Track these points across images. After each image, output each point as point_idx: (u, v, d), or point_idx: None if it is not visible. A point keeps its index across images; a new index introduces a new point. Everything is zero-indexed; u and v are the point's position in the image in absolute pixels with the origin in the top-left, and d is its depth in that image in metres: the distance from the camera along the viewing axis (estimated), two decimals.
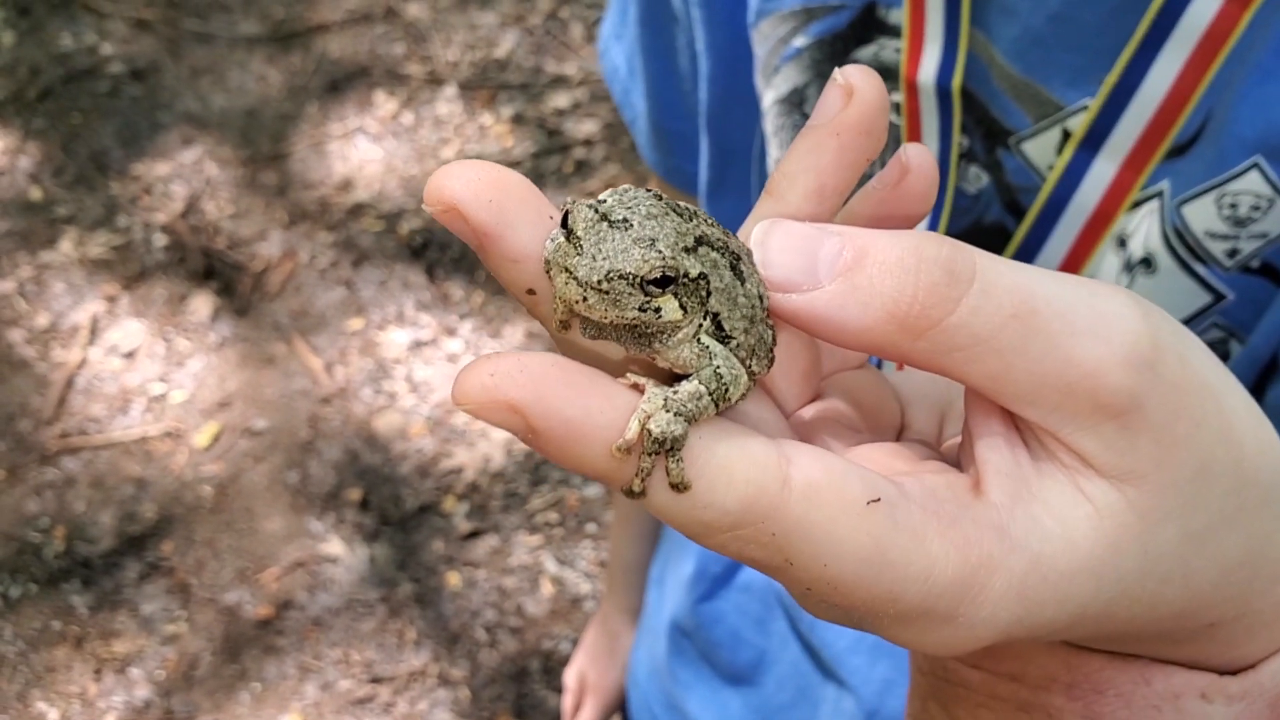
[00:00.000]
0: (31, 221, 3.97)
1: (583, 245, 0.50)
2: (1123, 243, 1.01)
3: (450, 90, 4.31)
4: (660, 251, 0.50)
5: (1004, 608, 0.51)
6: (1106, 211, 0.99)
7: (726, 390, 0.52)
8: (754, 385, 0.55)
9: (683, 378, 0.52)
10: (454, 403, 0.49)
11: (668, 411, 0.49)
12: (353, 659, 3.14)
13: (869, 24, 1.07)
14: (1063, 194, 1.01)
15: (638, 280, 0.50)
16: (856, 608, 0.51)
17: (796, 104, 1.13)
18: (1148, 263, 1.00)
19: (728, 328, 0.53)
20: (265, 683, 3.10)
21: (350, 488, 3.40)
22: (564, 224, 0.51)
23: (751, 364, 0.54)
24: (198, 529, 3.33)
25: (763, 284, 0.53)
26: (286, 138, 4.17)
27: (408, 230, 3.93)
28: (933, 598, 0.50)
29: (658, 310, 0.51)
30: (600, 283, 0.50)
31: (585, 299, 0.50)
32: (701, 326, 0.53)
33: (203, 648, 3.15)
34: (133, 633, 3.18)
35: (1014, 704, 0.64)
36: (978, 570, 0.50)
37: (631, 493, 0.50)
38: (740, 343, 0.53)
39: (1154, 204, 0.98)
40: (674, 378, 0.53)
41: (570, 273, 0.50)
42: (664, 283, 0.51)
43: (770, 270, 0.52)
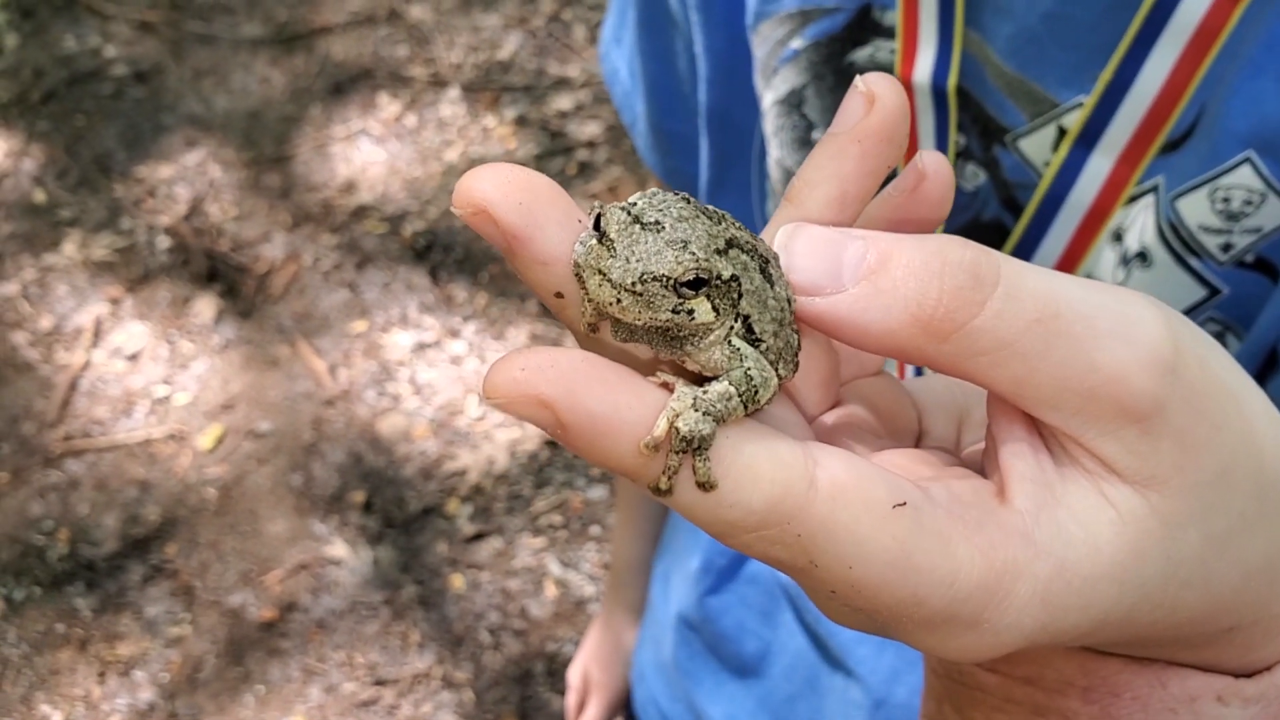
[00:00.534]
0: (35, 224, 3.98)
1: (616, 247, 0.50)
2: (1119, 237, 1.02)
3: (453, 92, 4.31)
4: (693, 253, 0.50)
5: (1028, 614, 0.51)
6: (1103, 207, 1.00)
7: (756, 392, 0.52)
8: (779, 390, 0.55)
9: (712, 379, 0.52)
10: (484, 396, 0.49)
11: (696, 410, 0.49)
12: (356, 661, 3.14)
13: (865, 26, 1.08)
14: (1059, 190, 1.01)
15: (671, 282, 0.50)
16: (880, 612, 0.51)
17: (795, 105, 1.14)
18: (1143, 257, 1.01)
19: (758, 330, 0.53)
20: (269, 685, 3.10)
21: (354, 490, 3.40)
22: (595, 226, 0.51)
23: (779, 367, 0.54)
24: (201, 531, 3.33)
25: (790, 288, 0.53)
26: (290, 140, 4.18)
27: (411, 232, 3.94)
28: (958, 602, 0.50)
29: (690, 312, 0.51)
30: (634, 284, 0.50)
31: (619, 301, 0.50)
32: (733, 329, 0.53)
33: (207, 650, 3.15)
34: (136, 635, 3.18)
35: (1030, 707, 0.64)
36: (1003, 576, 0.50)
37: (658, 490, 0.50)
38: (769, 345, 0.54)
39: (1149, 199, 0.99)
40: (703, 379, 0.53)
41: (604, 275, 0.50)
42: (697, 285, 0.51)
43: (794, 274, 0.53)
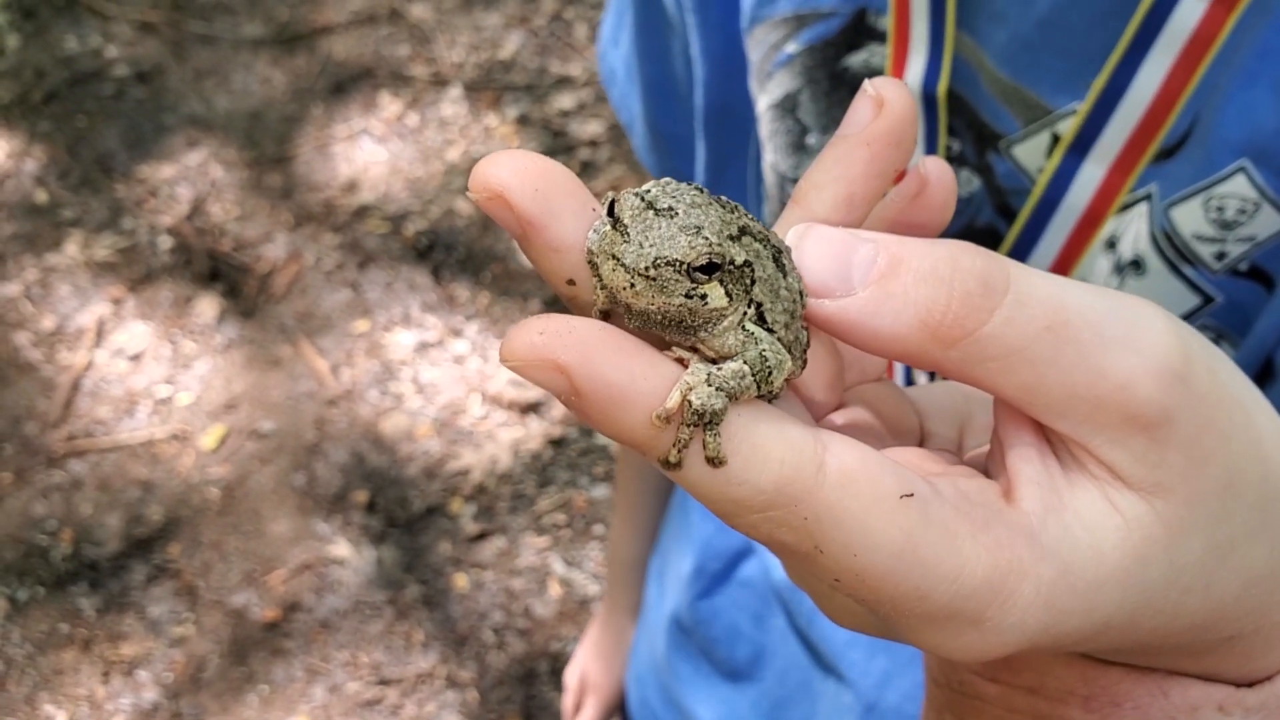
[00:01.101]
0: (37, 224, 3.98)
1: (629, 233, 0.51)
2: (1112, 245, 1.01)
3: (455, 91, 4.31)
4: (707, 238, 0.51)
5: (1031, 615, 0.51)
6: (1096, 214, 1.00)
7: (770, 373, 0.52)
8: (786, 386, 0.55)
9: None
10: (501, 360, 0.49)
11: (710, 385, 0.50)
12: (360, 661, 3.14)
13: (860, 31, 1.07)
14: (1053, 197, 1.01)
15: (685, 267, 0.50)
16: (882, 604, 0.51)
17: (789, 109, 1.13)
18: (1137, 265, 1.00)
19: (769, 319, 0.53)
20: (273, 685, 3.11)
21: (357, 489, 3.40)
22: (609, 213, 0.52)
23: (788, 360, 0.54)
24: (204, 531, 3.34)
25: (801, 280, 0.53)
26: (291, 140, 4.18)
27: (413, 232, 3.93)
28: (961, 599, 0.50)
29: (704, 297, 0.51)
30: (648, 269, 0.50)
31: (632, 285, 0.50)
32: (746, 314, 0.53)
33: (210, 650, 3.16)
34: (140, 635, 3.18)
35: (1031, 716, 0.64)
36: (1008, 575, 0.50)
37: (667, 463, 0.50)
38: (780, 336, 0.54)
39: (1143, 206, 0.99)
40: (717, 362, 0.53)
41: (618, 260, 0.50)
42: (710, 269, 0.51)
43: (804, 274, 0.53)
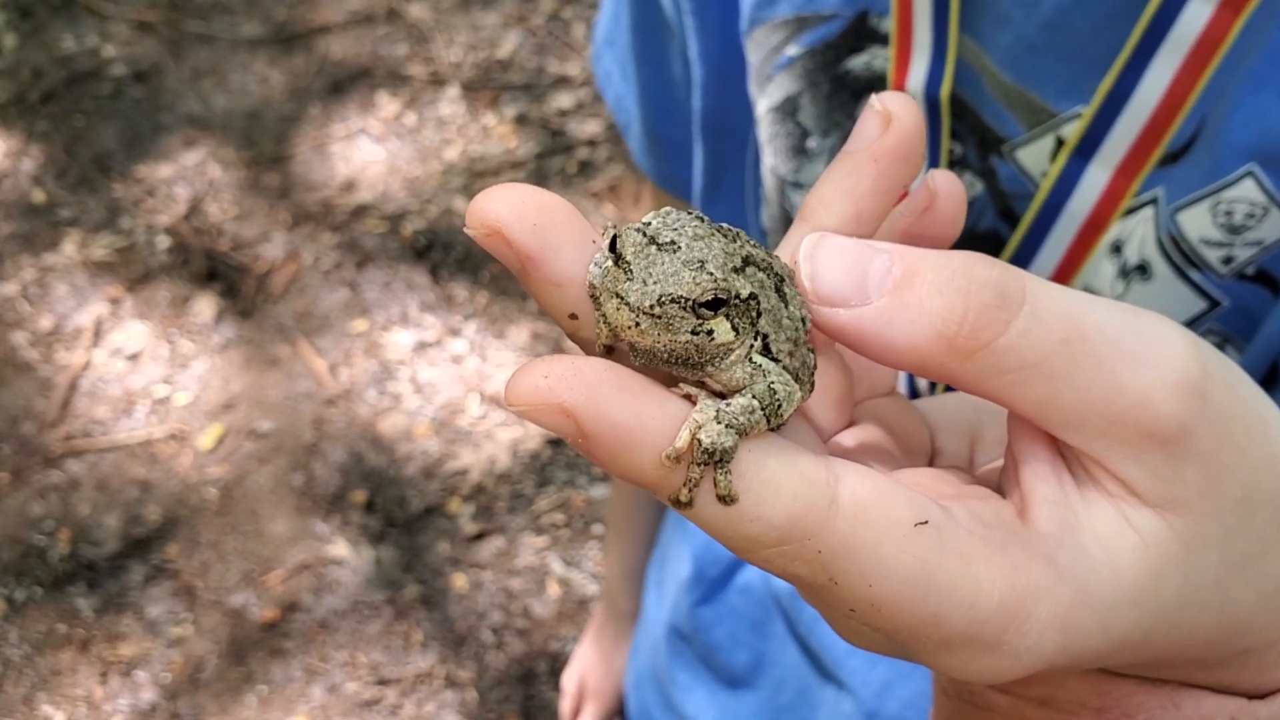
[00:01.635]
0: (34, 224, 3.98)
1: (632, 270, 0.50)
2: (1117, 249, 1.01)
3: (453, 91, 4.30)
4: (711, 273, 0.50)
5: (1049, 637, 0.51)
6: (1100, 218, 0.99)
7: (779, 406, 0.52)
8: (794, 410, 0.55)
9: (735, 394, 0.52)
10: (506, 403, 0.48)
11: (719, 423, 0.49)
12: (359, 661, 3.14)
13: (861, 33, 1.07)
14: (1056, 201, 1.00)
15: (690, 303, 0.50)
16: (899, 631, 0.51)
17: (789, 113, 1.13)
18: (1143, 269, 1.00)
19: (774, 349, 0.53)
20: (271, 685, 3.10)
21: (355, 490, 3.40)
22: (611, 248, 0.51)
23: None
24: (203, 531, 3.33)
25: (804, 307, 0.53)
26: (289, 139, 4.17)
27: (411, 231, 3.93)
28: (978, 624, 0.50)
29: (710, 333, 0.51)
30: (652, 307, 0.49)
31: (637, 324, 0.50)
32: (752, 347, 0.52)
33: (208, 650, 3.15)
34: (138, 635, 3.18)
35: None
36: (1025, 598, 0.50)
37: (678, 502, 0.50)
38: (786, 365, 0.53)
39: (1148, 211, 0.98)
40: (725, 397, 0.52)
41: (621, 298, 0.50)
42: (716, 305, 0.50)
43: (818, 284, 0.52)
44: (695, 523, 0.50)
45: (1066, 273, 1.03)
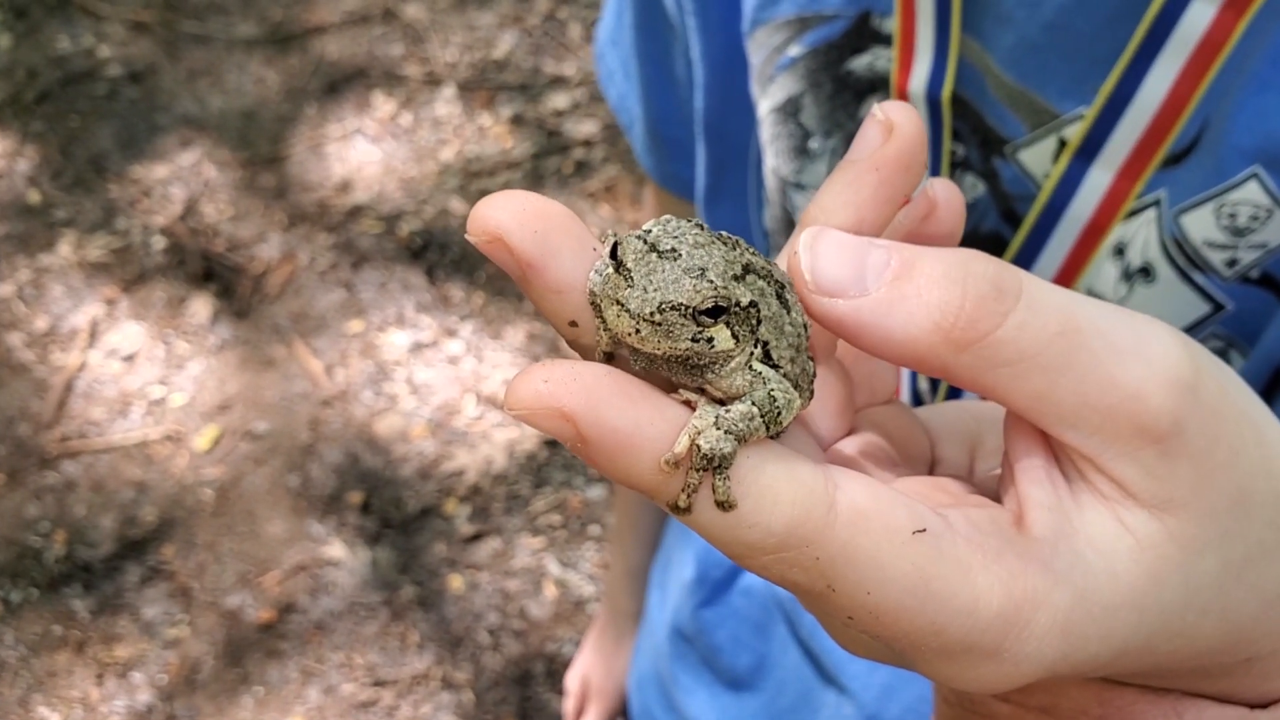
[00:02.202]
0: (30, 224, 3.97)
1: (633, 277, 0.50)
2: (1120, 252, 1.01)
3: (449, 91, 4.30)
4: (711, 281, 0.50)
5: (1048, 644, 0.51)
6: (1102, 220, 0.99)
7: (779, 413, 0.52)
8: (794, 418, 0.55)
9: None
10: (505, 407, 0.49)
11: (718, 429, 0.49)
12: (355, 662, 3.14)
13: (863, 33, 1.06)
14: (1059, 202, 1.00)
15: (690, 311, 0.50)
16: (897, 639, 0.51)
17: (791, 113, 1.13)
18: (1146, 272, 1.00)
19: (775, 356, 0.53)
20: (268, 687, 3.10)
21: (351, 491, 3.39)
22: (612, 255, 0.51)
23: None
24: (199, 532, 3.33)
25: (805, 313, 0.53)
26: (285, 139, 4.17)
27: (407, 232, 3.93)
28: (977, 632, 0.50)
29: (710, 340, 0.51)
30: (653, 315, 0.50)
31: (638, 331, 0.50)
32: (753, 354, 0.53)
33: (205, 652, 3.15)
34: (134, 637, 3.17)
35: None
36: (1023, 605, 0.50)
37: (677, 508, 0.50)
38: (786, 372, 0.53)
39: (1151, 213, 0.98)
40: (725, 404, 0.52)
41: (622, 305, 0.50)
42: (716, 312, 0.50)
43: (817, 274, 0.52)
44: (693, 528, 0.50)
45: (1069, 275, 1.02)
